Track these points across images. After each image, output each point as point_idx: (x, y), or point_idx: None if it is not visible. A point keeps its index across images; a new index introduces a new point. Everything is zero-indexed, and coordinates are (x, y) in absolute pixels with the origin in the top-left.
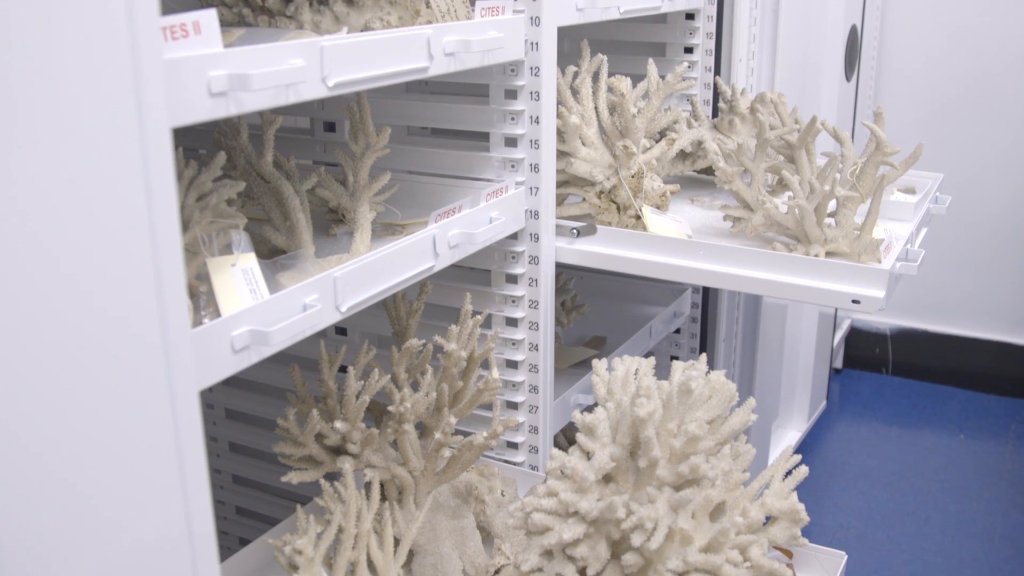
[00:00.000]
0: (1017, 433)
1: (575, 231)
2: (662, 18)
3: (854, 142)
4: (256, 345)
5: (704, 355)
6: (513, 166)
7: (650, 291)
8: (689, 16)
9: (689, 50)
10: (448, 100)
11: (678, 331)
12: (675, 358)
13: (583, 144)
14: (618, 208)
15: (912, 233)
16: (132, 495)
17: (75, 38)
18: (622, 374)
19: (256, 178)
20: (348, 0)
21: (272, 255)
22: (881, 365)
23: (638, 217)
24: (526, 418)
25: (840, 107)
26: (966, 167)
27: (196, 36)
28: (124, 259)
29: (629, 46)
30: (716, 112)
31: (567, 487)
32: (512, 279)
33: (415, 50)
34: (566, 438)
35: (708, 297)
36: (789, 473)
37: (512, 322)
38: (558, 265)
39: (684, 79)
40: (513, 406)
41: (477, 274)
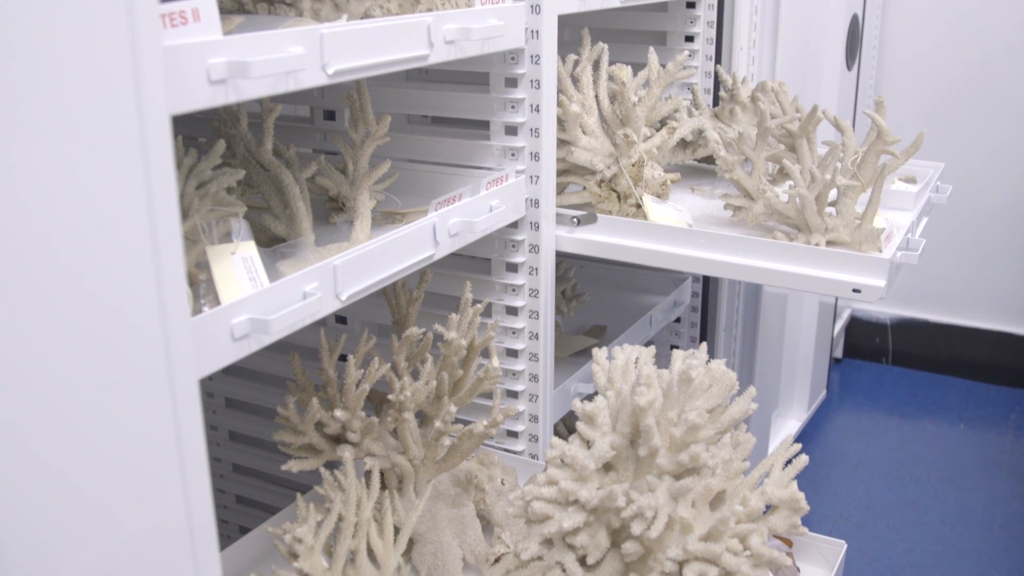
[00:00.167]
0: (1017, 423)
1: (575, 220)
2: (663, 6)
3: (855, 131)
4: (256, 333)
5: (704, 344)
6: (513, 154)
7: (650, 280)
8: (690, 4)
9: (690, 38)
10: (448, 88)
11: (678, 320)
12: (675, 347)
13: (584, 133)
14: (619, 197)
15: (913, 222)
16: (132, 484)
17: (74, 25)
18: (622, 363)
19: (256, 166)
20: None
21: (272, 243)
22: (881, 355)
23: (639, 206)
24: (526, 407)
25: (841, 96)
26: (967, 156)
27: (195, 23)
28: (123, 247)
29: (630, 34)
30: (717, 101)
31: (567, 476)
32: (512, 268)
33: (415, 38)
34: (566, 427)
35: (708, 286)
36: (789, 462)
37: (512, 311)
38: (558, 254)
39: (685, 68)
40: (513, 395)
41: (477, 263)
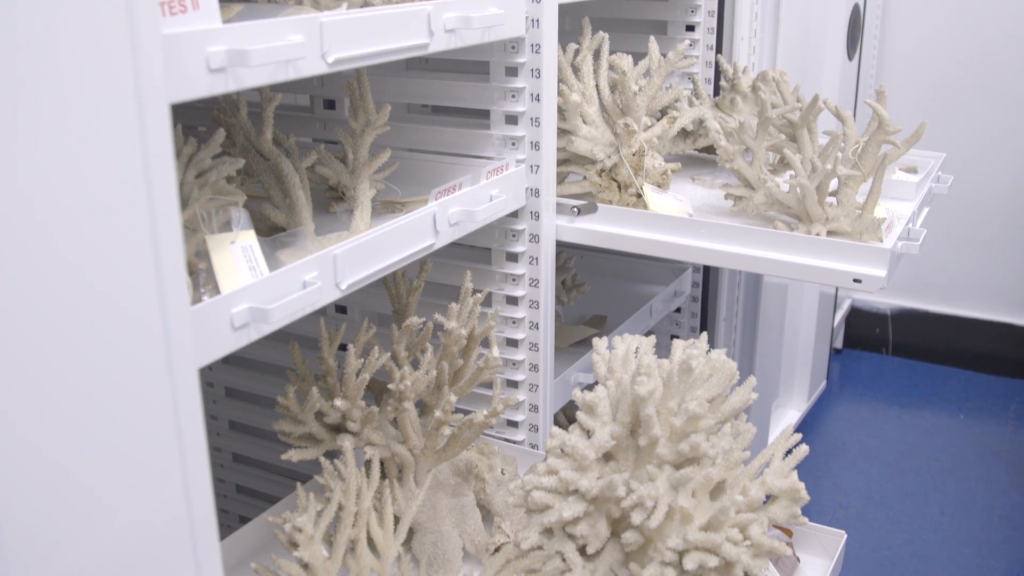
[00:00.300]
0: (1017, 414)
1: (576, 209)
2: None
3: (856, 121)
4: (256, 322)
5: (705, 334)
6: (514, 144)
7: (650, 270)
8: None
9: (691, 28)
10: (448, 77)
11: (678, 310)
12: (675, 337)
13: (584, 122)
14: (619, 186)
15: (914, 212)
16: (132, 473)
17: (73, 14)
18: (623, 352)
19: (255, 156)
20: None
21: (271, 233)
22: (881, 345)
23: (639, 195)
24: (526, 397)
25: (842, 86)
26: (968, 146)
27: (194, 11)
28: (123, 236)
29: (630, 24)
30: (718, 91)
31: (567, 465)
32: (512, 257)
33: (415, 26)
34: (566, 417)
35: (709, 276)
36: (789, 452)
37: (512, 300)
38: (558, 244)
39: (685, 57)
40: (513, 384)
41: (477, 252)
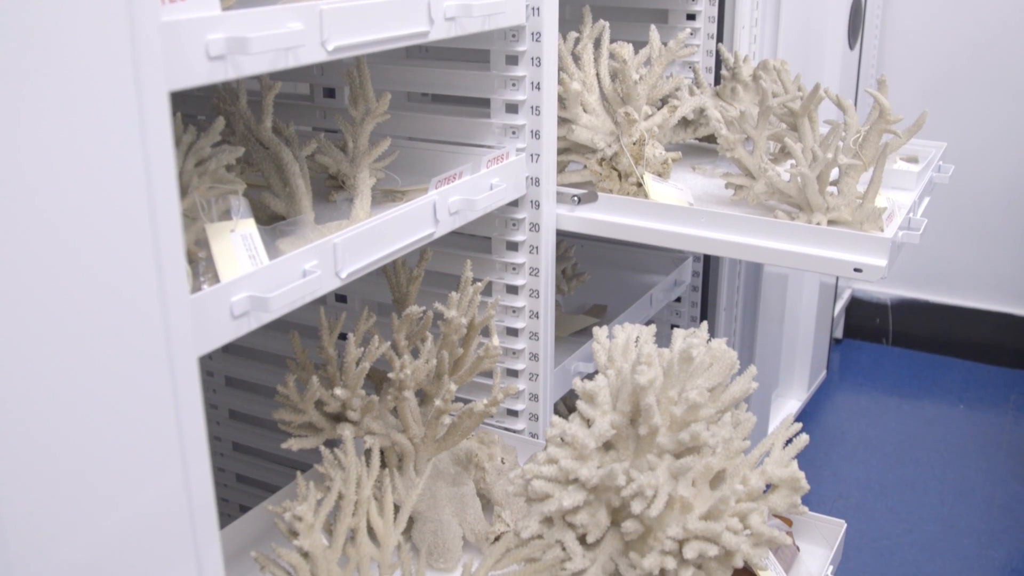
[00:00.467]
0: (1017, 404)
1: (576, 198)
2: None
3: (857, 110)
4: (255, 311)
5: (705, 323)
6: (514, 132)
7: (651, 259)
8: None
9: (691, 16)
10: (449, 66)
11: (679, 300)
12: (675, 326)
13: (584, 111)
14: (619, 175)
15: (914, 202)
16: (132, 462)
17: (72, 1)
18: (623, 341)
19: (255, 144)
20: None
21: (271, 221)
22: (881, 335)
23: (639, 184)
24: (526, 385)
25: (843, 75)
26: (969, 136)
27: None
28: (122, 225)
29: (631, 12)
30: (718, 79)
31: (567, 454)
32: (513, 246)
33: (415, 14)
34: (566, 406)
35: (709, 266)
36: (789, 441)
37: (512, 289)
38: (559, 232)
39: (686, 46)
40: (513, 373)
41: (477, 241)
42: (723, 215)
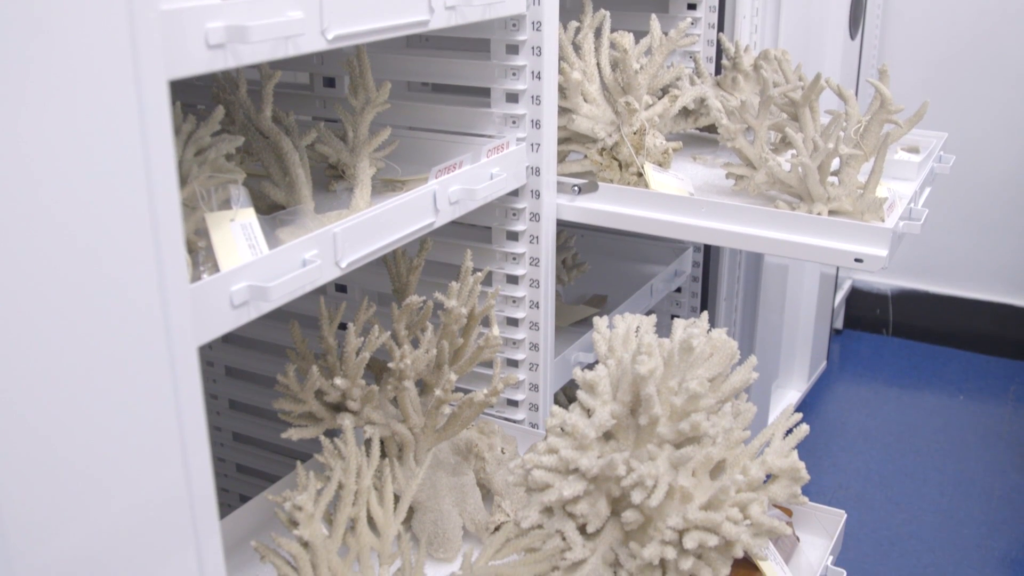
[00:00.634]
0: (1017, 395)
1: (576, 188)
2: None
3: (858, 100)
4: (255, 300)
5: (705, 313)
6: (514, 122)
7: (651, 249)
8: None
9: (692, 6)
10: (449, 55)
11: (679, 290)
12: (676, 317)
13: (585, 100)
14: (620, 165)
15: (915, 192)
16: (131, 452)
17: None
18: (623, 331)
19: (255, 133)
20: None
21: (271, 211)
22: (881, 326)
23: (640, 174)
24: (526, 376)
25: (844, 65)
26: (970, 126)
27: None
28: (121, 214)
29: (632, 1)
30: (719, 69)
31: (567, 444)
32: (513, 236)
33: (416, 3)
34: (566, 396)
35: (709, 256)
36: (790, 432)
37: (513, 279)
38: (559, 222)
39: (687, 35)
40: (513, 364)
41: (478, 231)
42: (724, 205)
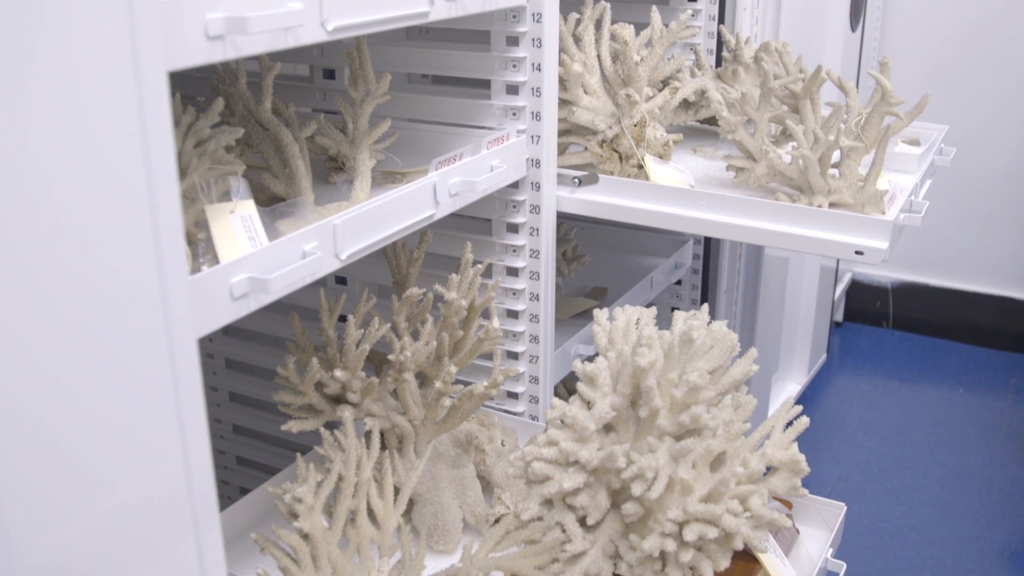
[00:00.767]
0: (1016, 388)
1: (577, 180)
2: None
3: (859, 93)
4: (255, 292)
5: (706, 305)
6: (514, 114)
7: (651, 242)
8: None
9: None
10: (449, 47)
11: (679, 282)
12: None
13: (585, 92)
14: (620, 157)
15: (916, 185)
16: (131, 445)
17: None
18: (623, 323)
19: (255, 125)
20: None
21: (271, 203)
22: (882, 319)
23: (640, 166)
24: (526, 368)
25: (845, 57)
26: (971, 119)
27: None
28: (121, 206)
29: None
30: (720, 61)
31: (567, 436)
32: (513, 228)
33: None
34: (566, 388)
35: (709, 248)
36: (790, 424)
37: (513, 272)
38: (559, 215)
39: (687, 27)
40: (513, 356)
41: (478, 223)
42: (724, 197)
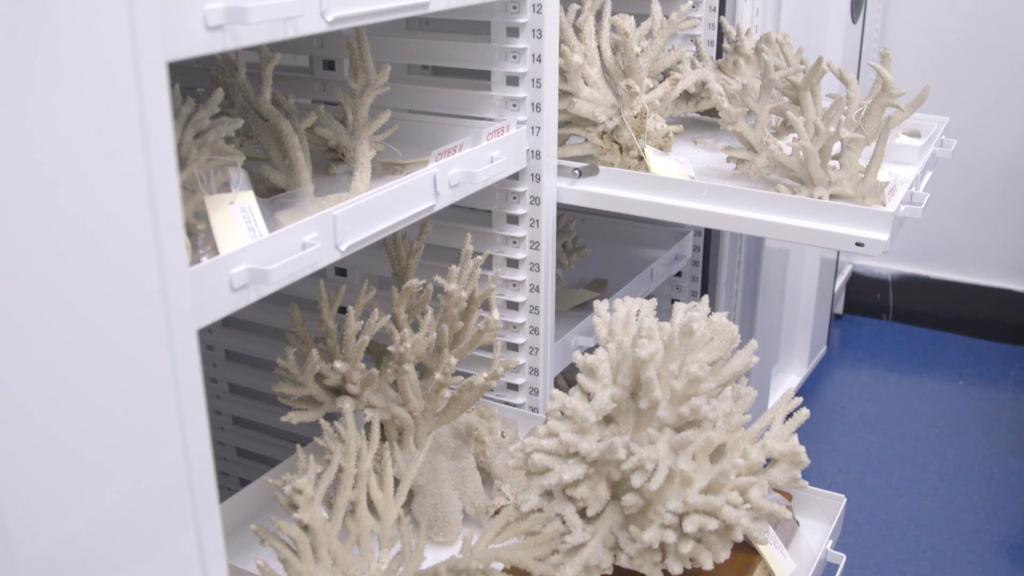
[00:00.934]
0: (1016, 380)
1: (577, 171)
2: None
3: (859, 84)
4: (255, 283)
5: (706, 297)
6: (515, 105)
7: (651, 234)
8: None
9: None
10: (449, 38)
11: (679, 274)
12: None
13: (586, 84)
14: (620, 149)
15: (917, 176)
16: (131, 436)
17: None
18: (623, 315)
19: (254, 116)
20: None
21: (271, 194)
22: (882, 311)
23: (641, 158)
24: (526, 359)
25: (846, 49)
26: (972, 111)
27: None
28: (120, 197)
29: None
30: (720, 53)
31: (568, 428)
32: (513, 220)
33: None
34: (566, 380)
35: (710, 240)
36: (790, 416)
37: (513, 263)
38: (559, 206)
39: (688, 18)
40: (514, 347)
41: (478, 214)
42: (724, 189)
